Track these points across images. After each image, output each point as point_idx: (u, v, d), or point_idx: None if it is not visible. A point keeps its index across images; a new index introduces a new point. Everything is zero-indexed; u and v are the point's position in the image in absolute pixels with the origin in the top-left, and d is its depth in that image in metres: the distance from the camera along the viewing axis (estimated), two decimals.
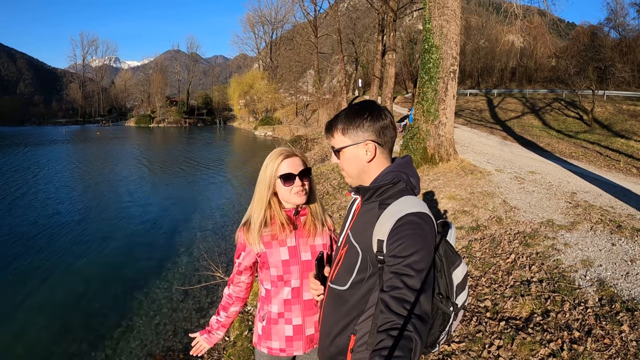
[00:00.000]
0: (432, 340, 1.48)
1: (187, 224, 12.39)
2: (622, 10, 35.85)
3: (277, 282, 1.96)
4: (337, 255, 1.64)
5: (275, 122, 54.65)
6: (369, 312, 1.48)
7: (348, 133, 1.55)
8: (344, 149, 1.56)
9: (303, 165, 1.95)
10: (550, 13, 15.45)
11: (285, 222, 1.94)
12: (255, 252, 1.95)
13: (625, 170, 11.48)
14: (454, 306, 1.45)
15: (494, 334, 3.71)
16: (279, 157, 1.92)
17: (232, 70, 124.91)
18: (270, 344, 2.01)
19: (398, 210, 1.41)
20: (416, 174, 1.59)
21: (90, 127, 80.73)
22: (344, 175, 1.63)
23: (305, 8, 44.75)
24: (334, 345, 1.58)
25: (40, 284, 8.24)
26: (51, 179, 20.49)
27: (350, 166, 1.57)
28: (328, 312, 1.62)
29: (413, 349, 1.14)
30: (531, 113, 25.51)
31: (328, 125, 1.61)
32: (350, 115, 1.55)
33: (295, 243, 1.95)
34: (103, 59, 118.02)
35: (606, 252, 4.92)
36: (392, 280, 1.29)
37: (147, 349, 5.95)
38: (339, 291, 1.56)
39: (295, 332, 1.97)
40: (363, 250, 1.49)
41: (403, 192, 1.50)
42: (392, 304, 1.23)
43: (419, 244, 1.32)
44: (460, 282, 1.46)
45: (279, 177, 1.91)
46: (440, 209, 7.45)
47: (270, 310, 1.99)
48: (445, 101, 9.72)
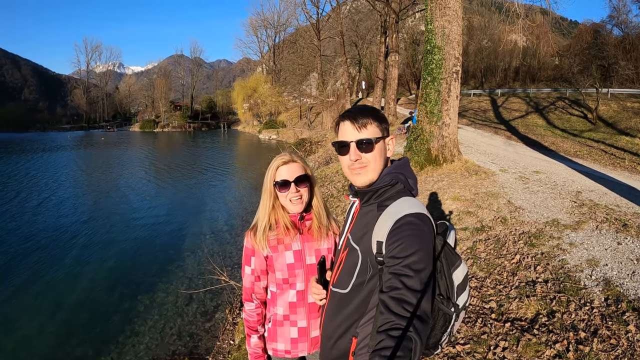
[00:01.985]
0: (434, 341, 1.48)
1: (192, 228, 12.42)
2: (625, 8, 35.58)
3: (282, 284, 1.97)
4: (338, 259, 1.64)
5: (279, 125, 54.68)
6: (370, 314, 1.48)
7: (381, 126, 1.55)
8: (381, 140, 1.56)
9: (301, 171, 1.96)
10: (553, 12, 15.45)
11: (290, 226, 1.97)
12: (263, 255, 1.97)
13: (631, 168, 11.39)
14: (455, 307, 1.45)
15: (499, 335, 3.69)
16: (277, 163, 1.95)
17: (235, 74, 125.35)
18: (275, 345, 2.02)
19: (396, 212, 1.41)
20: (414, 175, 1.59)
21: (94, 132, 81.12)
22: (363, 172, 1.55)
23: (307, 11, 44.81)
24: (335, 349, 1.57)
25: (45, 287, 8.29)
26: (56, 185, 20.60)
27: (379, 159, 1.55)
28: (329, 316, 1.62)
29: (413, 349, 1.14)
30: (535, 112, 25.40)
31: (354, 116, 1.54)
32: (374, 110, 1.57)
33: (300, 247, 1.97)
34: (107, 65, 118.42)
35: (612, 252, 4.88)
36: (392, 281, 1.29)
37: (152, 353, 5.96)
38: (341, 294, 1.56)
39: (301, 334, 1.98)
40: (363, 252, 1.49)
41: (401, 194, 1.51)
42: (392, 304, 1.23)
43: (418, 244, 1.32)
44: (460, 283, 1.46)
45: (274, 183, 1.94)
46: (445, 210, 7.43)
47: (276, 312, 2.00)
48: (449, 102, 9.69)
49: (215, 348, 5.73)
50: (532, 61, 40.35)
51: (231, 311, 6.58)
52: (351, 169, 1.56)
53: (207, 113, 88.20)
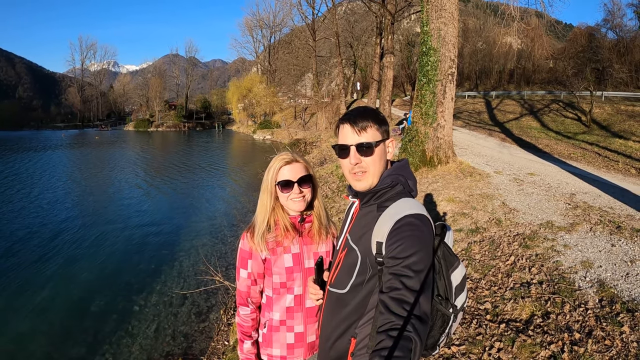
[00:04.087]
0: (432, 342, 1.48)
1: (186, 228, 12.35)
2: (619, 11, 35.89)
3: (279, 289, 1.92)
4: (336, 259, 1.64)
5: (274, 125, 54.59)
6: (369, 315, 1.48)
7: (381, 129, 1.55)
8: (381, 143, 1.55)
9: (304, 171, 1.92)
10: (548, 15, 15.46)
11: (290, 227, 1.92)
12: (261, 257, 1.91)
13: (624, 170, 11.47)
14: (453, 308, 1.45)
15: (494, 336, 3.70)
16: (279, 163, 1.90)
17: (230, 74, 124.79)
18: (270, 351, 1.97)
19: (396, 212, 1.41)
20: (413, 176, 1.59)
21: (89, 131, 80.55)
22: (364, 177, 1.54)
23: (303, 12, 45.14)
24: (333, 350, 1.57)
25: (39, 288, 8.19)
26: (49, 184, 20.41)
27: (379, 163, 1.54)
28: (328, 316, 1.62)
29: (413, 349, 1.14)
30: (529, 114, 25.52)
31: (355, 119, 1.53)
32: (374, 112, 1.57)
33: (299, 250, 1.93)
34: (102, 63, 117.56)
35: (606, 253, 4.91)
36: (391, 281, 1.29)
37: (146, 353, 5.92)
38: (339, 294, 1.56)
39: (297, 339, 1.94)
40: (362, 252, 1.49)
41: (401, 195, 1.51)
42: (392, 304, 1.23)
43: (418, 245, 1.33)
44: (459, 284, 1.46)
45: (277, 183, 1.89)
46: (440, 212, 7.44)
47: (272, 317, 1.95)
48: (444, 104, 9.72)
49: (210, 349, 5.70)
50: (527, 64, 40.58)
51: (225, 312, 6.55)
52: (352, 173, 1.55)
53: (201, 113, 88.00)
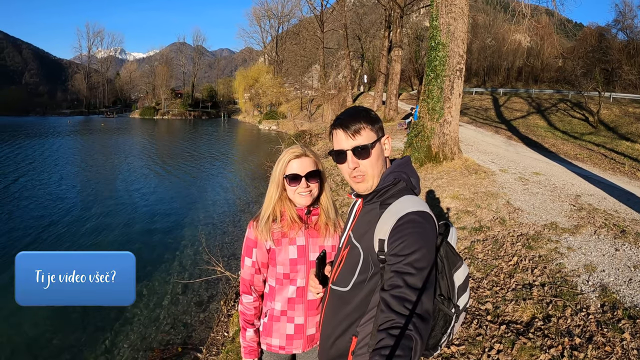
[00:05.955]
0: (433, 342, 1.47)
1: (188, 217, 12.39)
2: (631, 12, 35.32)
3: (282, 279, 1.94)
4: (339, 257, 1.63)
5: (280, 116, 54.58)
6: (370, 313, 1.47)
7: (374, 128, 1.53)
8: (377, 143, 1.53)
9: (313, 166, 1.92)
10: (558, 13, 15.33)
11: (296, 218, 1.93)
12: (266, 247, 1.93)
13: (630, 173, 11.37)
14: (455, 308, 1.45)
15: (494, 337, 3.68)
16: (288, 156, 1.90)
17: (237, 63, 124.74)
18: (270, 340, 2.00)
19: (399, 210, 1.41)
20: (416, 173, 1.58)
21: (94, 118, 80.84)
22: (364, 180, 1.53)
23: (311, 3, 44.69)
24: (334, 348, 1.56)
25: None
26: (54, 171, 20.54)
27: (377, 163, 1.52)
28: (329, 314, 1.61)
29: (413, 348, 1.14)
30: (537, 113, 25.32)
31: (346, 124, 1.51)
32: (365, 112, 1.55)
33: (304, 242, 1.94)
34: (108, 50, 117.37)
35: (609, 257, 4.87)
36: (393, 279, 1.28)
37: (146, 342, 5.96)
38: (341, 292, 1.55)
39: (297, 331, 1.96)
40: (365, 250, 1.48)
41: (404, 192, 1.50)
42: (393, 302, 1.23)
43: (420, 242, 1.32)
44: (461, 284, 1.45)
45: (285, 176, 1.90)
46: (443, 208, 7.41)
47: (274, 307, 1.97)
48: (451, 99, 9.64)
49: (209, 339, 5.72)
50: (536, 62, 40.15)
51: (226, 303, 6.56)
52: (352, 177, 1.54)
53: (207, 102, 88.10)
